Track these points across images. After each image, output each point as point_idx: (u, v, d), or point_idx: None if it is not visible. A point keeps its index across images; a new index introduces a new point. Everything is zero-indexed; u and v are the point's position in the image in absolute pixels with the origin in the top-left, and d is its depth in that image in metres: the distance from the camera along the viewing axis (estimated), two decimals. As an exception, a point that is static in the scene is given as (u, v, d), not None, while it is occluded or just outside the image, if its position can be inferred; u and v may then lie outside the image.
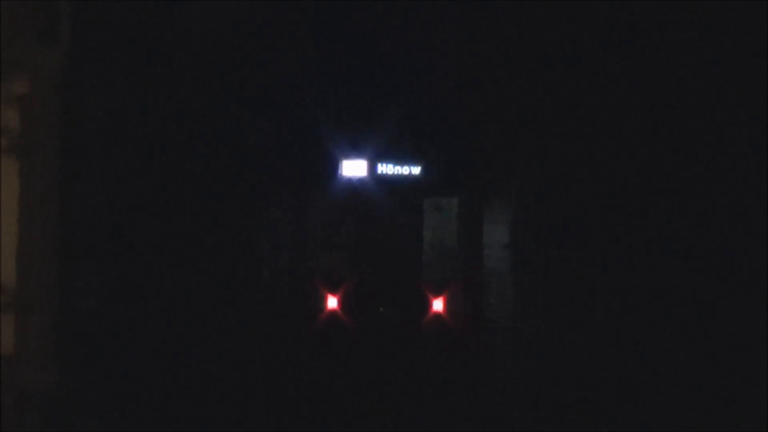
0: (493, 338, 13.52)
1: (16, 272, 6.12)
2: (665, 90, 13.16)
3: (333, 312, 13.54)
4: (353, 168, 13.81)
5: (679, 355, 12.69)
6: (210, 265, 13.60)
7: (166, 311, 12.69)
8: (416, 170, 13.96)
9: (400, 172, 13.98)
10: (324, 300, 13.54)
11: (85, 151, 10.74)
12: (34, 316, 6.32)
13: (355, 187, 13.87)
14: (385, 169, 13.90)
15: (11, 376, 6.35)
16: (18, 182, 6.06)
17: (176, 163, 13.39)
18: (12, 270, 6.15)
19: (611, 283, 13.08)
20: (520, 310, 13.37)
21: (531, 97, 13.44)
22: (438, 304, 13.55)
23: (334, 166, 13.77)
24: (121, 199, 11.96)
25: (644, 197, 13.08)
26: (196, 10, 13.20)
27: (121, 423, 11.17)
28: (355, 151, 13.78)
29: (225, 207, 13.74)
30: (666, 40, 13.10)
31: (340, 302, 13.56)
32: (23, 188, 6.08)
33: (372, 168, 13.84)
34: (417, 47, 13.53)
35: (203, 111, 13.65)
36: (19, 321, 6.27)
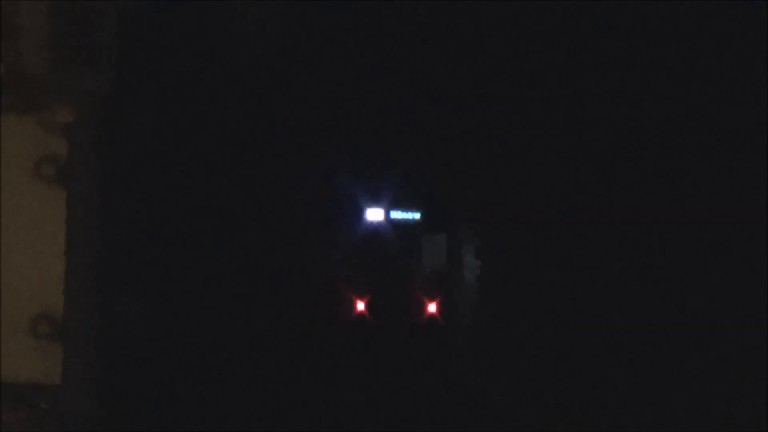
0: (465, 328, 18.84)
1: (64, 302, 5.86)
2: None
3: (360, 313, 19.06)
4: (374, 214, 19.51)
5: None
6: (255, 291, 14.72)
7: (212, 338, 12.82)
8: (416, 216, 19.57)
9: (405, 217, 19.60)
10: (354, 304, 19.11)
11: (130, 179, 10.08)
12: (78, 345, 6.03)
13: (375, 227, 19.51)
14: (395, 215, 19.55)
15: (56, 406, 6.05)
16: (64, 210, 5.80)
17: (221, 193, 13.71)
18: (59, 299, 5.87)
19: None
20: (486, 312, 18.37)
21: (506, 163, 17.21)
22: (432, 307, 19.14)
23: (362, 212, 19.42)
24: (166, 227, 11.72)
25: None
26: (241, 42, 13.20)
27: None
28: (375, 203, 19.40)
29: (273, 237, 15.62)
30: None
31: (365, 306, 19.11)
32: (69, 216, 5.83)
33: (386, 214, 19.49)
34: (415, 134, 18.07)
35: (250, 144, 14.21)
36: (64, 350, 6.01)
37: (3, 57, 4.27)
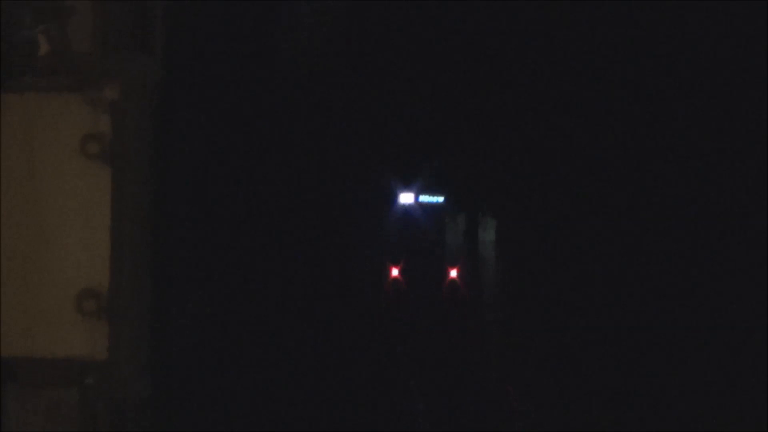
0: (480, 291, 23.18)
1: (109, 278, 4.29)
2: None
3: (395, 278, 23.38)
4: (405, 197, 23.98)
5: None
6: (305, 267, 15.36)
7: (263, 317, 12.61)
8: (440, 199, 23.97)
9: (431, 200, 23.99)
10: (390, 270, 23.47)
11: (178, 158, 8.83)
12: (126, 322, 4.33)
13: (406, 208, 23.93)
14: (423, 198, 23.98)
15: (103, 383, 4.33)
16: (110, 187, 4.30)
17: (272, 172, 13.70)
18: (105, 276, 4.31)
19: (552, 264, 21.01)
20: (497, 277, 22.80)
21: (512, 157, 21.51)
22: (453, 273, 23.47)
23: (395, 196, 23.80)
24: (215, 207, 11.34)
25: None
26: (291, 26, 13.34)
27: None
28: (406, 188, 23.82)
29: (320, 216, 16.60)
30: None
31: (399, 272, 23.45)
32: (115, 194, 4.32)
33: (416, 198, 23.93)
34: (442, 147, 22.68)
35: (301, 124, 14.67)
36: (112, 327, 4.31)
37: (49, 36, 3.85)
